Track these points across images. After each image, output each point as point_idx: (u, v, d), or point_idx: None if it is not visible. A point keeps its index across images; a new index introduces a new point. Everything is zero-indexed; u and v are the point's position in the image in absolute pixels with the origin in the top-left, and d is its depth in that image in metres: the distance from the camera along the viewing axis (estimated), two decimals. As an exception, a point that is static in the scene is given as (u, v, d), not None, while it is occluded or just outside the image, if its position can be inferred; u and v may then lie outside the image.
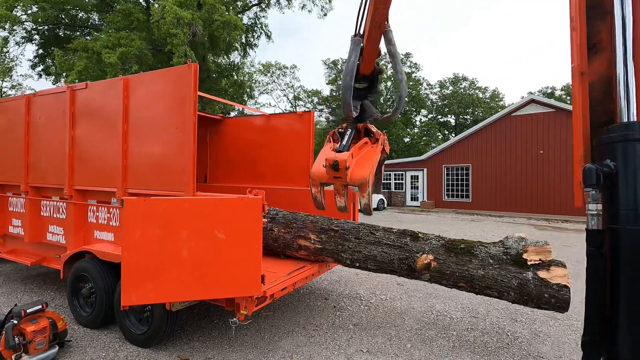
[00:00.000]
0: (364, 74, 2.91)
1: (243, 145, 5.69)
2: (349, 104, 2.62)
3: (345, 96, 2.61)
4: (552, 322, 3.96)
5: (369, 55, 2.73)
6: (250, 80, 38.10)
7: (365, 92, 3.03)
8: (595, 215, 1.25)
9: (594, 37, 1.43)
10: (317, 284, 5.33)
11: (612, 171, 1.23)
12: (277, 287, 3.12)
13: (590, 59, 1.44)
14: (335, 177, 2.71)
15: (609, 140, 1.27)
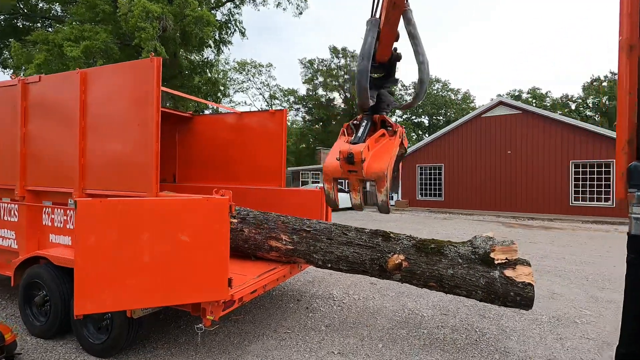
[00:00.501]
0: (380, 61, 2.63)
1: (214, 144, 5.52)
2: (365, 89, 2.31)
3: (361, 81, 2.29)
4: (518, 317, 4.08)
5: (386, 39, 2.45)
6: (225, 78, 37.37)
7: (382, 81, 2.75)
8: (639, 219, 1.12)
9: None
10: (290, 285, 5.25)
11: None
12: (246, 290, 3.02)
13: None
14: (350, 171, 2.45)
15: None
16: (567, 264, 6.90)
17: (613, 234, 11.59)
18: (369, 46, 2.31)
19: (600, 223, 14.39)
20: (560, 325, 3.92)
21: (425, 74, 2.26)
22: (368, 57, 2.28)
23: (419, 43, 2.29)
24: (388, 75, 2.74)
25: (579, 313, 4.29)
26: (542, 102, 48.42)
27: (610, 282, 5.69)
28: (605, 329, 3.82)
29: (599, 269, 6.52)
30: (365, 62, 2.27)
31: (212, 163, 5.45)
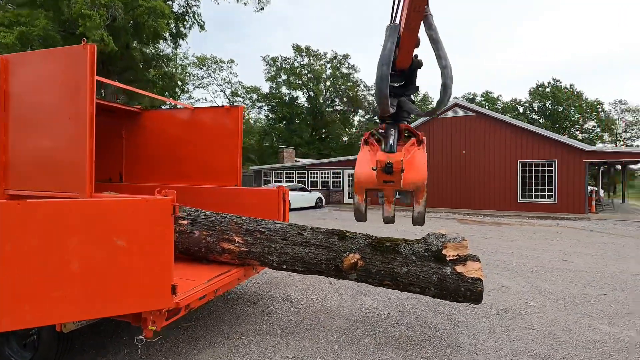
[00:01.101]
0: (400, 68, 2.51)
1: (165, 140, 5.19)
2: (386, 96, 2.17)
3: (381, 87, 2.15)
4: (469, 312, 4.21)
5: (406, 45, 2.33)
6: (184, 73, 35.90)
7: (402, 89, 2.63)
8: None
9: None
10: (246, 287, 5.08)
11: None
12: (194, 296, 2.83)
13: None
14: (387, 181, 2.30)
15: None
16: (514, 258, 7.30)
17: (555, 228, 12.50)
18: (388, 52, 2.20)
19: (544, 218, 15.48)
20: (507, 317, 4.09)
21: (448, 79, 2.17)
22: (388, 63, 2.17)
23: (441, 48, 2.20)
24: (408, 82, 2.63)
25: (524, 305, 4.52)
26: (494, 105, 51.43)
27: (552, 273, 6.09)
28: (547, 319, 4.04)
29: (542, 262, 6.97)
30: (385, 69, 2.15)
31: (162, 161, 5.13)
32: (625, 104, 50.44)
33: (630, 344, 3.44)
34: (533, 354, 3.22)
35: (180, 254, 3.69)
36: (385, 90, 2.16)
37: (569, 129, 48.38)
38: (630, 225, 13.56)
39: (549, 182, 17.60)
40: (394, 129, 2.55)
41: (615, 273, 6.16)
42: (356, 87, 47.77)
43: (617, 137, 49.88)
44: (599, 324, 3.93)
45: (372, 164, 2.34)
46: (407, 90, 2.63)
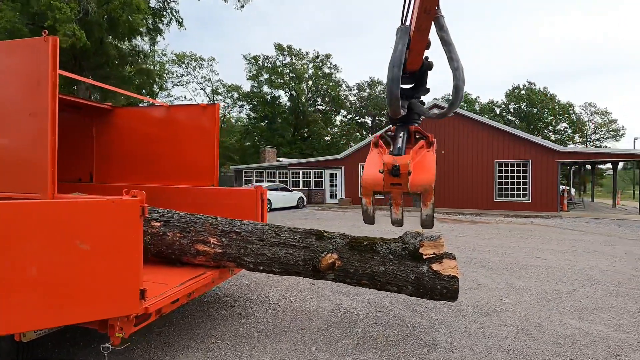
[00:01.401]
0: (411, 70, 2.50)
1: (138, 139, 5.01)
2: (397, 97, 2.16)
3: (392, 89, 2.14)
4: (446, 310, 4.26)
5: (417, 47, 2.33)
6: (162, 70, 35.04)
7: (413, 90, 2.61)
8: None
9: None
10: (224, 290, 4.97)
11: None
12: (165, 300, 2.73)
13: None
14: (394, 184, 2.28)
15: None
16: (490, 256, 7.47)
17: (529, 226, 12.90)
18: (399, 54, 2.18)
19: (519, 217, 15.95)
20: (483, 314, 4.17)
21: (460, 81, 2.13)
22: (399, 65, 2.15)
23: (452, 50, 2.16)
24: (419, 84, 2.62)
25: (499, 301, 4.61)
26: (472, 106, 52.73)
27: (526, 270, 6.26)
28: (521, 315, 4.14)
29: (517, 259, 7.16)
30: (396, 70, 2.14)
31: (135, 161, 4.95)
32: (594, 107, 52.74)
33: (598, 337, 3.56)
34: (507, 351, 3.28)
35: (153, 256, 3.57)
36: (396, 92, 2.15)
37: (542, 130, 50.18)
38: (599, 222, 14.16)
39: (524, 181, 18.16)
40: (403, 131, 2.54)
41: (585, 269, 6.39)
42: (338, 87, 47.93)
43: (587, 139, 52.09)
44: (569, 319, 4.05)
45: (379, 166, 2.32)
46: (418, 92, 2.62)
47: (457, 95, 2.16)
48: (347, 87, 50.80)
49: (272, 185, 20.04)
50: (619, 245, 8.89)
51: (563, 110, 50.49)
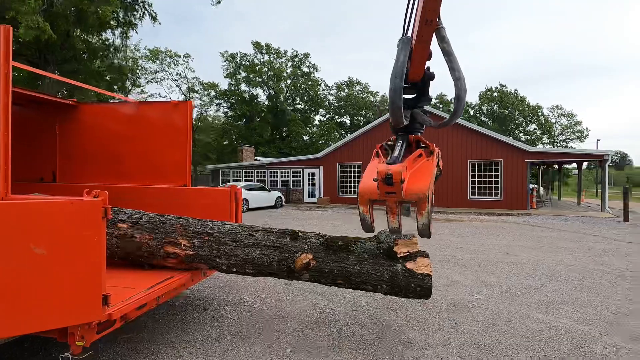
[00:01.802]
0: (413, 80, 2.54)
1: (105, 137, 4.79)
2: (399, 107, 2.20)
3: (394, 99, 2.18)
4: (421, 307, 4.32)
5: (418, 58, 2.36)
6: (135, 66, 33.86)
7: (415, 100, 2.64)
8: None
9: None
10: (197, 292, 4.83)
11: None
12: (131, 305, 2.60)
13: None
14: (388, 192, 2.28)
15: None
16: (464, 253, 7.66)
17: (501, 223, 13.34)
18: (401, 64, 2.21)
19: (491, 214, 16.47)
20: (456, 310, 4.24)
21: (462, 90, 2.18)
22: (401, 75, 2.19)
23: (454, 60, 2.22)
24: (421, 94, 2.65)
25: (471, 298, 4.72)
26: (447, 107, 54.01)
27: (497, 267, 6.45)
28: (492, 311, 4.25)
29: (489, 256, 7.37)
30: (398, 81, 2.17)
31: (102, 159, 4.72)
32: (561, 109, 55.30)
33: (563, 330, 3.70)
34: (478, 346, 3.35)
35: (120, 259, 3.42)
36: (398, 102, 2.17)
37: (513, 131, 52.12)
38: (565, 220, 14.83)
39: (496, 180, 18.77)
40: (403, 140, 2.59)
41: (552, 264, 6.66)
42: (317, 86, 47.93)
43: (555, 139, 54.56)
44: (537, 313, 4.19)
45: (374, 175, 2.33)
46: (420, 101, 2.66)
47: (460, 104, 2.21)
48: (326, 87, 50.92)
49: (250, 185, 19.79)
50: (582, 241, 9.33)
51: (532, 112, 52.64)
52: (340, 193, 22.17)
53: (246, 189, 18.57)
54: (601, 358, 3.14)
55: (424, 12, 2.00)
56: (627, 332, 3.68)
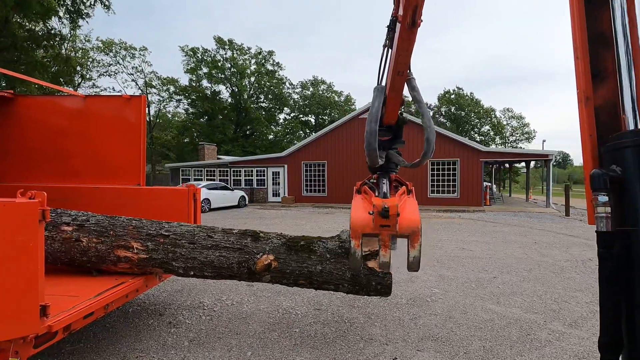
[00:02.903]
0: (387, 124, 2.76)
1: (47, 132, 4.40)
2: (375, 149, 2.35)
3: (370, 141, 2.35)
4: (382, 303, 4.40)
5: (392, 104, 2.59)
6: (85, 58, 31.66)
7: (390, 142, 2.85)
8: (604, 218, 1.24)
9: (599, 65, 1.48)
10: (152, 297, 4.59)
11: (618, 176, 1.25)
12: (76, 315, 2.41)
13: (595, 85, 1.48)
14: (383, 225, 2.31)
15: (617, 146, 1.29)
16: (423, 249, 7.92)
17: (457, 220, 13.99)
18: (376, 110, 2.39)
19: (449, 211, 17.24)
20: (415, 305, 4.37)
21: (431, 134, 2.40)
22: (376, 120, 2.37)
23: (423, 106, 2.45)
24: (395, 137, 2.88)
25: (430, 292, 4.89)
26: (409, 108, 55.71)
27: (454, 261, 6.74)
28: (449, 304, 4.42)
29: (446, 251, 7.69)
30: (374, 125, 2.36)
31: (43, 157, 4.34)
32: (511, 112, 59.08)
33: (512, 319, 3.93)
34: (436, 339, 3.47)
35: (64, 265, 3.16)
36: (374, 144, 2.36)
37: (469, 132, 54.92)
38: (515, 215, 15.86)
39: (453, 178, 19.67)
40: (386, 178, 2.74)
41: (503, 258, 7.08)
42: (282, 84, 47.54)
43: (506, 140, 58.18)
44: (489, 304, 4.42)
45: (368, 208, 2.41)
46: (394, 143, 2.89)
47: (429, 146, 2.43)
48: (291, 85, 50.66)
49: (212, 184, 19.21)
50: (530, 235, 10.01)
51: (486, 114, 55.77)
52: (305, 192, 22.15)
53: (208, 188, 18.01)
54: (546, 343, 3.38)
55: (396, 64, 2.22)
56: (567, 318, 3.98)
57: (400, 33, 2.01)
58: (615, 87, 1.45)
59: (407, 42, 2.02)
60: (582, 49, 1.51)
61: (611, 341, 1.27)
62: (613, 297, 1.27)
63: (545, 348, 3.29)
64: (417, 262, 2.56)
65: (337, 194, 21.19)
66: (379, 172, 2.84)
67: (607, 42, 1.49)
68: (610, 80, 1.48)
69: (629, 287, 1.23)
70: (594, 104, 1.49)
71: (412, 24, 1.85)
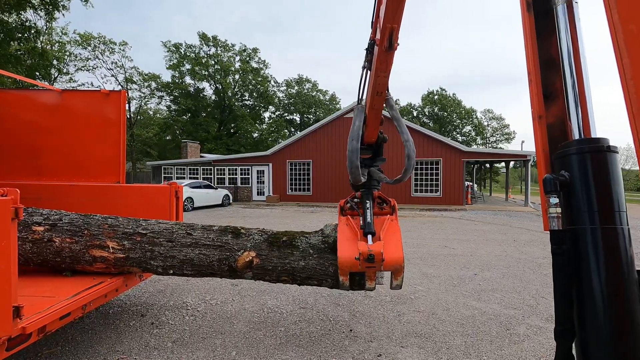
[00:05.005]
0: (368, 142, 2.87)
1: (20, 128, 4.23)
2: (357, 167, 2.47)
3: (352, 159, 2.45)
4: (367, 301, 4.43)
5: (372, 123, 2.69)
6: (61, 51, 30.57)
7: (371, 160, 2.96)
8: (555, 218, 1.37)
9: (549, 86, 1.64)
10: (134, 297, 4.48)
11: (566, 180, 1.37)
12: (51, 316, 2.32)
13: (547, 104, 1.63)
14: (369, 267, 2.49)
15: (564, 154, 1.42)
16: (407, 248, 8.02)
17: (440, 218, 14.23)
18: (357, 128, 2.50)
19: (432, 210, 17.51)
20: (399, 302, 4.42)
21: (411, 151, 2.50)
22: (357, 138, 2.47)
23: (401, 124, 2.58)
24: (376, 154, 3.00)
25: (413, 289, 4.95)
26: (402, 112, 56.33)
27: (436, 259, 6.85)
28: (432, 301, 4.49)
29: (429, 250, 7.81)
30: (355, 143, 2.45)
31: (15, 153, 4.16)
32: (492, 113, 60.53)
33: (493, 315, 4.03)
34: (419, 335, 3.52)
35: (37, 266, 3.04)
36: (356, 162, 2.47)
37: (451, 132, 55.93)
38: (495, 214, 16.26)
39: (436, 178, 19.99)
40: (369, 200, 2.81)
41: (484, 255, 7.24)
42: (266, 82, 47.18)
43: (487, 140, 59.58)
44: (470, 300, 4.52)
45: (354, 245, 2.57)
46: (375, 161, 3.00)
47: (410, 162, 2.55)
48: (276, 83, 50.37)
49: (195, 183, 18.90)
50: (509, 233, 10.29)
51: (468, 115, 56.91)
52: (289, 191, 22.08)
53: (191, 186, 17.72)
54: (524, 338, 3.47)
55: (374, 85, 2.32)
56: (544, 313, 4.11)
57: (378, 56, 2.07)
58: (564, 105, 1.59)
59: (384, 64, 2.10)
60: (534, 73, 1.65)
61: (564, 329, 1.37)
62: (564, 289, 1.38)
63: (523, 342, 3.38)
64: (399, 287, 2.73)
65: (322, 193, 21.20)
66: (362, 190, 2.93)
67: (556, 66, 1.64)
68: (559, 100, 1.63)
69: (578, 279, 1.35)
70: (546, 122, 1.63)
71: (390, 47, 1.90)
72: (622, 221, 1.30)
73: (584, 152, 1.37)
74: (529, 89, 1.68)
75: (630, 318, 1.26)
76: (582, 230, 1.34)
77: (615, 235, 1.29)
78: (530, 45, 1.67)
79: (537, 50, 1.67)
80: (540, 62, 1.67)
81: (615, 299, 1.28)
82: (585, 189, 1.35)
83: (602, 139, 1.38)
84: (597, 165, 1.34)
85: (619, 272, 1.28)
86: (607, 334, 1.28)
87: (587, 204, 1.33)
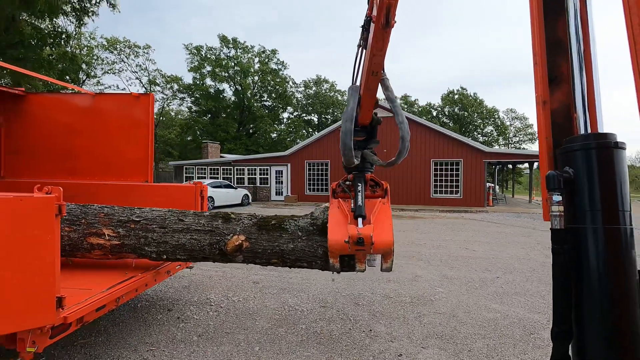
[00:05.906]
0: (362, 124, 2.81)
1: (57, 130, 4.47)
2: (350, 148, 2.39)
3: (345, 140, 2.37)
4: (386, 301, 4.44)
5: (366, 104, 2.62)
6: (90, 55, 31.81)
7: (365, 142, 2.90)
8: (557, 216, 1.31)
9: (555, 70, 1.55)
10: (160, 292, 4.65)
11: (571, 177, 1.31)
12: (88, 307, 2.46)
13: (552, 89, 1.55)
14: (359, 249, 2.51)
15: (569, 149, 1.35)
16: (427, 249, 7.96)
17: (461, 220, 13.99)
18: (351, 109, 2.45)
19: (452, 212, 17.23)
20: (419, 304, 4.41)
21: (406, 133, 2.46)
22: (351, 119, 2.41)
23: (397, 105, 2.49)
24: (370, 137, 2.93)
25: (434, 291, 4.93)
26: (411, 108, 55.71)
27: (457, 261, 6.77)
28: (452, 303, 4.46)
29: (450, 251, 7.72)
30: (349, 124, 2.39)
31: (53, 154, 4.40)
32: (514, 112, 58.87)
33: (516, 319, 3.97)
34: (440, 336, 3.51)
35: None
36: (349, 144, 2.39)
37: (472, 132, 54.76)
38: (518, 216, 15.84)
39: (456, 179, 19.65)
40: (361, 183, 2.78)
41: (506, 258, 7.10)
42: (285, 83, 47.58)
43: (509, 141, 57.99)
44: (492, 303, 4.46)
45: (343, 228, 2.57)
46: (369, 143, 2.94)
47: (404, 144, 2.49)
48: (294, 84, 50.69)
49: (216, 182, 19.30)
50: (533, 236, 10.02)
51: (489, 115, 55.58)
52: (307, 191, 22.21)
53: (212, 186, 18.10)
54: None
55: (370, 65, 2.25)
56: (571, 318, 4.00)
57: (374, 33, 2.00)
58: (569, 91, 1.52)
59: (380, 42, 2.02)
60: (540, 55, 1.58)
61: (562, 331, 1.33)
62: (564, 290, 1.34)
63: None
64: (389, 270, 2.72)
65: (339, 193, 21.23)
66: (354, 173, 2.90)
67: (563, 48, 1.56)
68: (565, 84, 1.55)
69: (578, 280, 1.31)
70: (550, 108, 1.56)
71: (386, 25, 1.83)
72: (626, 221, 1.26)
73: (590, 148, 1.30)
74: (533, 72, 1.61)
75: (630, 321, 1.24)
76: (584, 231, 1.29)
77: (619, 235, 1.26)
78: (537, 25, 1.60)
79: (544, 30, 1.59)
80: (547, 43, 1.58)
81: (616, 301, 1.25)
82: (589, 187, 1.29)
83: (610, 134, 1.32)
84: (604, 163, 1.29)
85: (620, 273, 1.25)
86: (607, 336, 1.25)
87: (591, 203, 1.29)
